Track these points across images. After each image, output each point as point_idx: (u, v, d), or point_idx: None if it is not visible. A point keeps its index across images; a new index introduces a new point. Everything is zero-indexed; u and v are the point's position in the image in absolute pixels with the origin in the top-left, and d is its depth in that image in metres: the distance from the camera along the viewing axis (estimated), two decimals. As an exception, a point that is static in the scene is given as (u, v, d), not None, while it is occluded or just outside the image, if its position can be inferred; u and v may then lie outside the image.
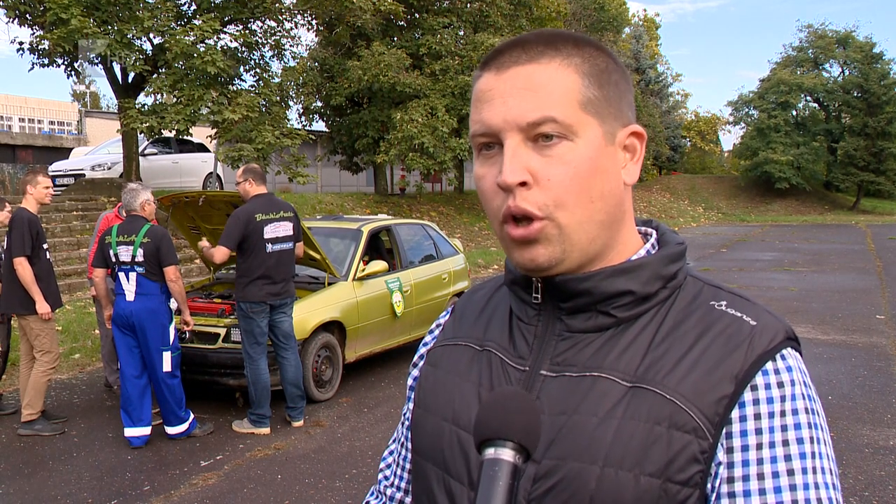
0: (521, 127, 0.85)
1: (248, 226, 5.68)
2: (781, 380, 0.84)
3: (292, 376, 5.91)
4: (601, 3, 31.75)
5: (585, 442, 0.85)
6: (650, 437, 0.82)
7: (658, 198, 36.96)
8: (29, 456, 5.40)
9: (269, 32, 17.18)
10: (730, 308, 0.89)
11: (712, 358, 0.85)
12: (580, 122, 0.86)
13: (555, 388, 0.89)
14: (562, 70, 0.87)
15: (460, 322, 1.06)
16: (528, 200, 0.85)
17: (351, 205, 19.66)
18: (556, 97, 0.85)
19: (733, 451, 0.82)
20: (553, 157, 0.85)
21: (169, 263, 5.52)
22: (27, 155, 25.76)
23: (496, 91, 0.88)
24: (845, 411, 6.19)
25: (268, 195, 5.93)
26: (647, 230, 1.00)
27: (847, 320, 10.15)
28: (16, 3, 14.20)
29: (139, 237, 5.48)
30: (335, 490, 4.76)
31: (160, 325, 5.52)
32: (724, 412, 0.83)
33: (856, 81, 38.97)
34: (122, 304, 5.51)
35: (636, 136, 0.92)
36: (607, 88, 0.89)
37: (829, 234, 25.94)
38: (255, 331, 5.74)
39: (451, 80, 20.51)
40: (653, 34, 49.19)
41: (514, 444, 0.77)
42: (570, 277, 0.90)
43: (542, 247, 0.87)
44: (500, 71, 0.88)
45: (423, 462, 1.00)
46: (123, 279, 5.52)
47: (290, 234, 5.88)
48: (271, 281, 5.73)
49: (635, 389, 0.85)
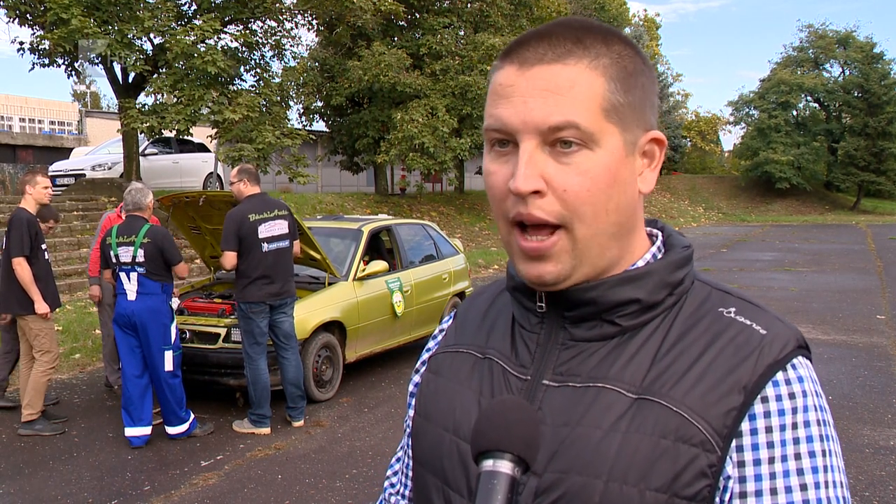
0: (540, 130, 0.81)
1: (243, 226, 5.69)
2: (793, 391, 0.81)
3: (293, 376, 5.91)
4: (601, 3, 31.80)
5: (589, 455, 0.82)
6: (656, 450, 0.80)
7: (658, 198, 36.94)
8: (29, 456, 5.40)
9: (270, 32, 17.19)
10: (739, 315, 0.86)
11: (721, 368, 0.82)
12: (602, 131, 0.82)
13: (557, 398, 0.86)
14: (588, 73, 0.82)
15: (462, 328, 1.02)
16: (543, 209, 0.82)
17: (351, 205, 19.65)
18: (579, 102, 0.81)
19: (745, 465, 0.80)
20: (571, 166, 0.82)
21: (175, 262, 5.58)
22: (28, 155, 25.76)
23: (517, 88, 0.83)
24: (846, 411, 6.19)
25: (261, 195, 5.93)
26: (651, 231, 0.96)
27: (847, 320, 10.15)
28: (16, 4, 14.21)
29: (139, 237, 5.49)
30: (335, 490, 4.76)
31: (162, 324, 5.53)
32: (732, 424, 0.80)
33: (856, 81, 38.99)
34: (124, 303, 5.52)
35: (656, 143, 0.88)
36: (633, 93, 0.85)
37: (829, 234, 25.93)
38: (255, 331, 5.74)
39: (451, 80, 20.51)
40: (653, 34, 49.19)
41: (512, 455, 0.75)
42: (575, 287, 0.87)
43: (551, 264, 0.84)
44: (524, 67, 0.83)
45: (423, 472, 0.98)
46: (125, 279, 5.53)
47: (285, 232, 5.87)
48: (270, 281, 5.73)
49: (641, 401, 0.82)
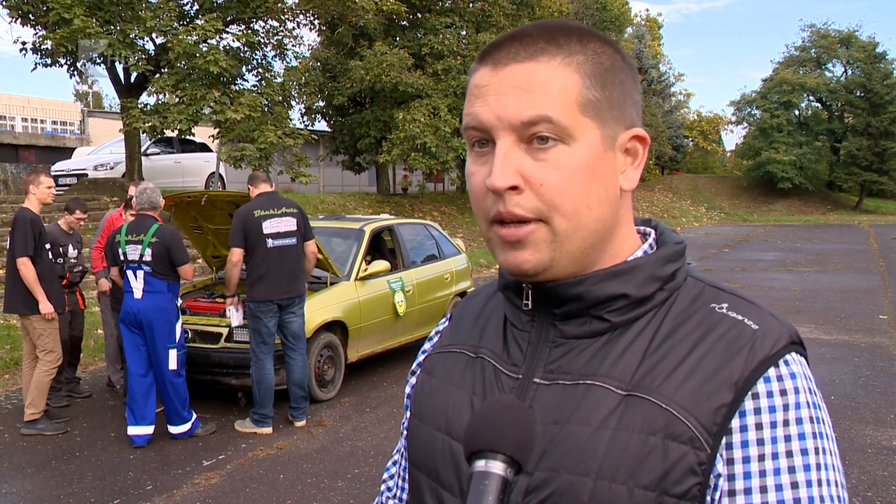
0: (514, 126, 0.81)
1: (247, 222, 5.70)
2: (784, 387, 0.79)
3: (298, 377, 5.90)
4: (603, 2, 31.77)
5: (578, 453, 0.81)
6: (645, 448, 0.79)
7: (660, 197, 36.92)
8: (32, 455, 5.41)
9: (272, 32, 17.22)
10: (731, 311, 0.85)
11: (711, 364, 0.80)
12: (578, 125, 0.81)
13: (548, 396, 0.86)
14: (562, 69, 0.82)
15: (457, 328, 1.02)
16: (521, 205, 0.81)
17: (353, 205, 19.65)
18: (553, 97, 0.81)
19: (734, 462, 0.78)
20: (547, 161, 0.81)
21: (182, 263, 5.59)
22: (30, 155, 25.81)
23: (491, 87, 0.83)
24: (848, 411, 6.18)
25: (269, 193, 5.94)
26: (645, 230, 0.95)
27: (850, 320, 10.14)
28: (19, 4, 14.23)
29: (147, 237, 5.53)
30: (337, 490, 4.76)
31: (167, 322, 5.56)
32: (722, 422, 0.78)
33: (859, 81, 38.90)
34: (130, 301, 5.57)
35: (639, 140, 0.87)
36: (611, 89, 0.84)
37: (831, 234, 25.90)
38: (263, 330, 5.73)
39: (453, 80, 20.49)
40: (655, 34, 49.16)
41: (505, 456, 0.74)
42: (561, 283, 0.86)
43: (529, 252, 0.83)
44: (497, 67, 0.84)
45: (417, 472, 0.97)
46: (131, 277, 5.57)
47: (292, 229, 5.85)
48: (275, 279, 5.72)
49: (630, 398, 0.81)
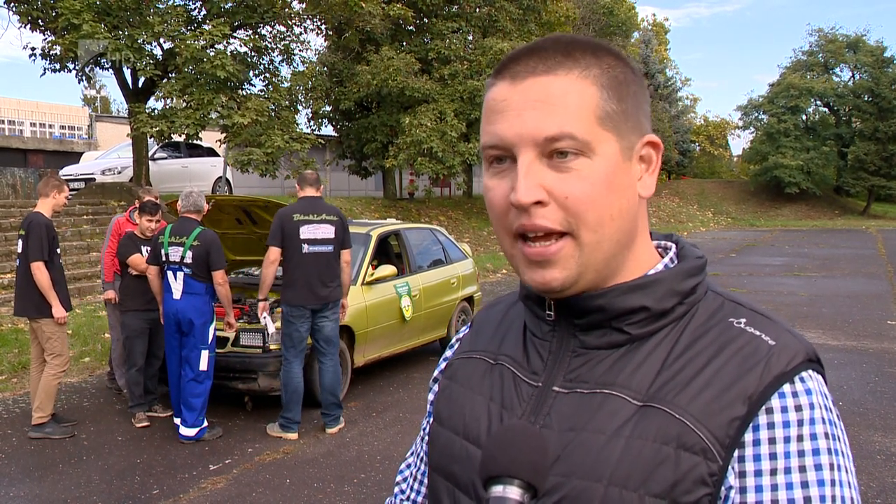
0: (536, 142, 0.82)
1: (286, 225, 5.71)
2: (800, 403, 0.79)
3: (329, 383, 5.86)
4: (610, 7, 31.78)
5: (591, 460, 0.82)
6: (657, 456, 0.80)
7: (667, 202, 36.86)
8: (39, 459, 5.42)
9: (279, 37, 17.28)
10: (749, 326, 0.85)
11: (726, 377, 0.81)
12: (598, 139, 0.82)
13: (566, 404, 0.87)
14: (580, 82, 0.83)
15: (478, 335, 1.04)
16: (547, 217, 0.82)
17: (360, 209, 19.68)
18: (572, 111, 0.82)
19: (745, 475, 0.78)
20: (570, 173, 0.82)
21: (217, 268, 5.71)
22: (38, 159, 25.96)
23: (510, 102, 0.84)
24: (856, 417, 6.15)
25: (312, 198, 5.87)
26: (666, 244, 0.96)
27: (858, 326, 10.09)
28: (28, 10, 14.33)
29: (190, 239, 5.68)
30: (344, 494, 4.76)
31: (203, 323, 5.71)
32: (735, 434, 0.79)
33: (866, 85, 38.78)
34: (170, 301, 5.74)
35: (652, 146, 0.89)
36: (626, 101, 0.85)
37: (839, 238, 25.81)
38: (294, 335, 5.74)
39: (459, 85, 20.52)
40: (662, 39, 49.15)
41: (521, 482, 0.75)
42: (584, 295, 0.87)
43: (557, 270, 0.84)
44: (516, 81, 0.84)
45: (435, 476, 0.99)
46: (171, 278, 5.74)
47: (329, 237, 5.81)
48: (309, 284, 5.69)
49: (645, 408, 0.82)
